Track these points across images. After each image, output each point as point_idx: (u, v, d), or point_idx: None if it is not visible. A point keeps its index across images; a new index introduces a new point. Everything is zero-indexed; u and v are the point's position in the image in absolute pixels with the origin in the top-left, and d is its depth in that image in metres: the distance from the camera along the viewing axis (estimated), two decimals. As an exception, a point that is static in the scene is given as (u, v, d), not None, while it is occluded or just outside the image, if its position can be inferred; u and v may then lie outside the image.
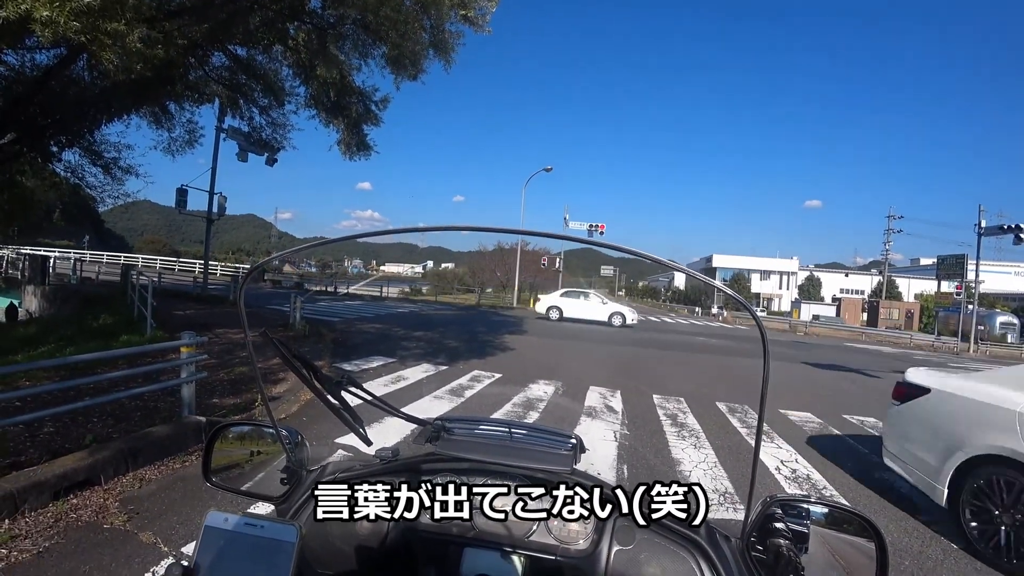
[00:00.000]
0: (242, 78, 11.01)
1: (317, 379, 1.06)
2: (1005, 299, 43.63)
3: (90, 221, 49.77)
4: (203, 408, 5.04)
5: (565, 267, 43.94)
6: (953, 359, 21.82)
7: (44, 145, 10.14)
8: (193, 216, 20.17)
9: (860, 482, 4.74)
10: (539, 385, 7.92)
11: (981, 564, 3.30)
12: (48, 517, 3.07)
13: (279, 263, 52.02)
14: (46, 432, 4.14)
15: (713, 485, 4.34)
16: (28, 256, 20.56)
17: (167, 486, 3.67)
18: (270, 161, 15.91)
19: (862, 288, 62.49)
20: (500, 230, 0.84)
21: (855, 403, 8.70)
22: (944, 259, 34.28)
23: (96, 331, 9.65)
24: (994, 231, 26.77)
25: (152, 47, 6.04)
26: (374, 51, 9.89)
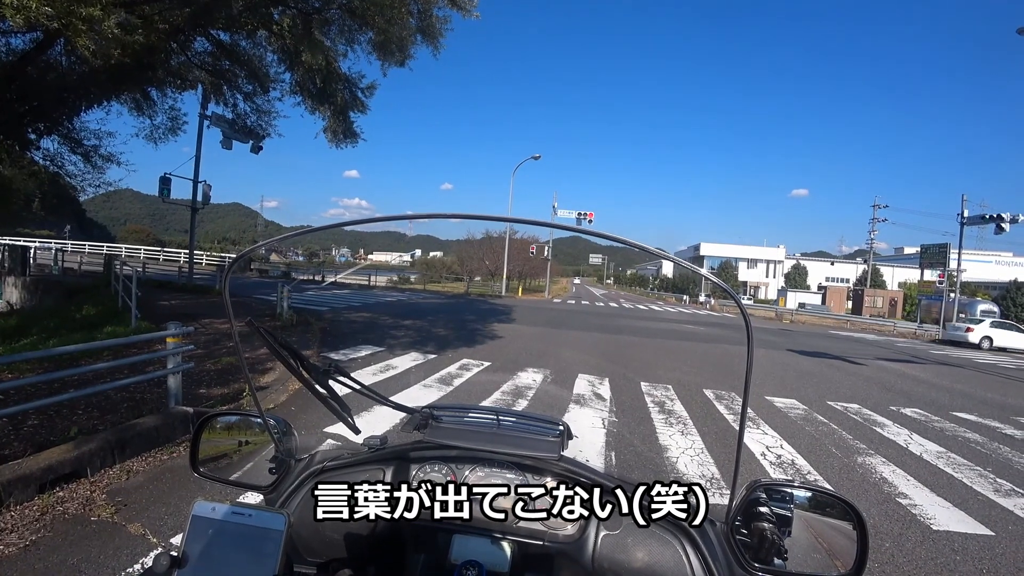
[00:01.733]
0: (226, 64, 10.81)
1: (304, 368, 1.05)
2: (986, 287, 44.44)
3: (71, 210, 48.66)
4: (190, 399, 5.00)
5: (554, 256, 43.99)
6: (935, 346, 22.25)
7: (22, 132, 9.88)
8: (177, 205, 19.87)
9: (844, 467, 4.85)
10: (528, 373, 7.95)
11: (959, 545, 3.40)
12: (34, 510, 3.04)
13: (265, 252, 51.46)
14: (30, 425, 4.08)
15: (700, 471, 4.40)
16: (7, 247, 20.09)
17: (155, 477, 3.64)
18: (255, 149, 15.69)
19: (847, 276, 63.35)
20: (488, 218, 0.84)
21: (839, 389, 8.86)
22: (927, 248, 34.75)
23: (80, 322, 9.50)
24: (976, 221, 27.18)
25: (131, 32, 5.90)
26: (360, 36, 9.76)
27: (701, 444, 5.12)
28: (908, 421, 6.86)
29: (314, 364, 1.08)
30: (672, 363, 10.23)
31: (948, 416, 7.36)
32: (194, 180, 18.33)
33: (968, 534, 3.58)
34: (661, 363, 10.12)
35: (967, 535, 3.56)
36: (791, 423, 6.28)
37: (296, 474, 1.14)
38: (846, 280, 61.19)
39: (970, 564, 3.17)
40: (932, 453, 5.45)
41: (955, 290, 28.69)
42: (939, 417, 7.24)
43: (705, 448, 5.00)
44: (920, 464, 5.06)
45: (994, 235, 26.20)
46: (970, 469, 5.00)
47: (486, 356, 9.19)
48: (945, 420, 7.09)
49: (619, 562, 0.97)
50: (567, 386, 7.29)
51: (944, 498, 4.19)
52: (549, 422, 1.21)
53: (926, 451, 5.51)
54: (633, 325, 18.63)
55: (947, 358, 16.75)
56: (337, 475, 1.14)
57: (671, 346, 13.25)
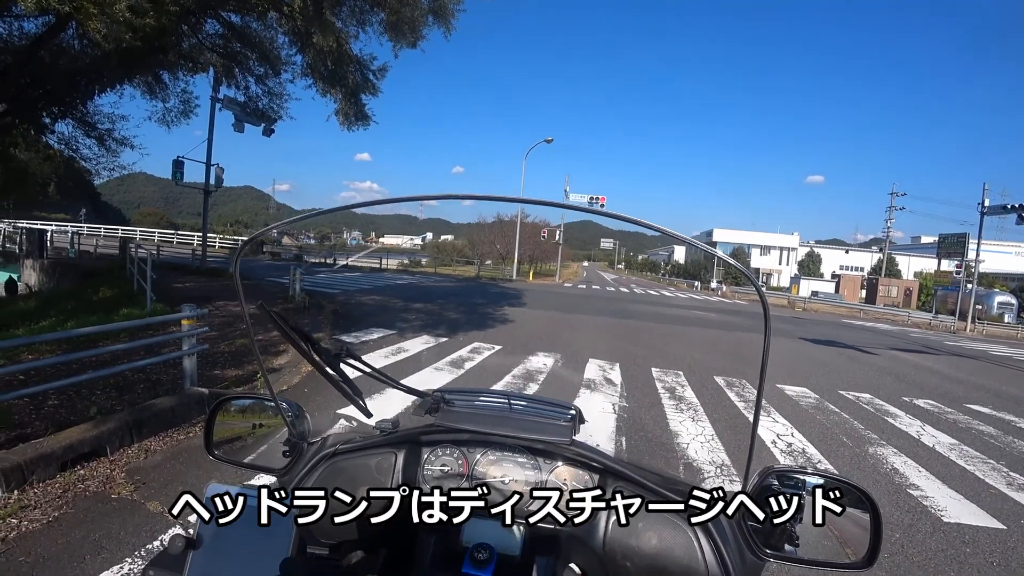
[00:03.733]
0: (237, 46, 10.76)
1: (315, 351, 1.05)
2: (1004, 279, 43.66)
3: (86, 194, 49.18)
4: (205, 380, 5.08)
5: (565, 240, 43.82)
6: (949, 337, 21.96)
7: (36, 116, 9.95)
8: (190, 188, 19.98)
9: (855, 457, 4.83)
10: (538, 357, 7.98)
11: (970, 537, 3.38)
12: (56, 488, 3.12)
13: (277, 235, 51.76)
14: (51, 405, 4.17)
15: (710, 457, 4.41)
16: (25, 230, 20.41)
17: (172, 456, 3.72)
18: (267, 132, 15.69)
19: (862, 265, 62.46)
20: (500, 198, 0.83)
21: (851, 379, 8.79)
22: (945, 237, 34.05)
23: (96, 304, 9.66)
24: (998, 210, 26.52)
25: (142, 15, 5.88)
26: (372, 17, 9.66)
27: (712, 431, 5.12)
28: (921, 412, 6.80)
29: (325, 347, 1.08)
30: (683, 349, 10.20)
31: (962, 408, 7.28)
32: (207, 163, 18.42)
33: (979, 527, 3.56)
34: (672, 349, 10.09)
35: (978, 528, 3.54)
36: (802, 412, 6.25)
37: (309, 457, 1.15)
38: (860, 269, 60.34)
39: (981, 557, 3.15)
40: (945, 445, 5.41)
41: (972, 281, 28.17)
42: (952, 409, 7.17)
43: (716, 435, 5.00)
44: (932, 456, 5.03)
45: (1015, 225, 25.60)
46: (983, 462, 4.96)
47: (497, 340, 9.23)
48: (959, 412, 7.02)
49: (630, 546, 0.98)
50: (578, 370, 7.31)
51: (956, 490, 4.17)
52: (561, 406, 1.21)
53: (939, 443, 5.46)
54: (644, 310, 18.56)
55: (962, 349, 16.53)
56: (350, 458, 1.15)
57: (682, 332, 13.20)
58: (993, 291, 35.75)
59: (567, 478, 1.09)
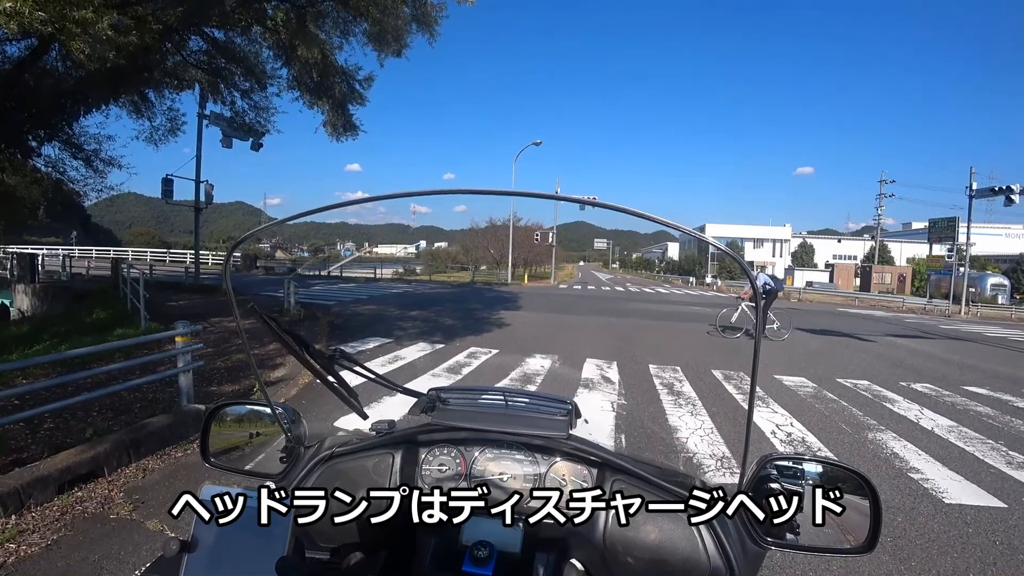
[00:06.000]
0: (221, 62, 10.77)
1: (309, 354, 1.05)
2: (995, 260, 43.98)
3: (76, 216, 48.89)
4: (202, 396, 5.04)
5: (558, 241, 43.83)
6: (944, 321, 22.09)
7: (22, 140, 9.92)
8: (181, 206, 19.91)
9: (854, 443, 4.84)
10: (536, 359, 7.97)
11: (972, 518, 3.40)
12: (54, 511, 3.09)
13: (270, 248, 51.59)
14: (46, 428, 4.14)
15: (710, 450, 4.41)
16: (16, 255, 20.23)
17: (170, 475, 3.70)
18: (255, 146, 15.67)
19: (855, 254, 62.85)
20: (491, 192, 0.82)
21: (849, 366, 8.82)
22: (936, 222, 34.29)
23: (90, 326, 9.59)
24: (986, 193, 26.73)
25: (125, 34, 5.88)
26: (355, 28, 9.69)
27: (711, 424, 5.12)
28: (918, 396, 6.83)
29: (319, 350, 1.08)
30: (680, 345, 10.21)
31: (959, 390, 7.32)
32: (196, 180, 18.33)
33: (980, 507, 3.57)
34: (669, 345, 10.11)
35: (979, 508, 3.55)
36: (800, 401, 6.27)
37: (306, 460, 1.15)
38: (853, 257, 60.69)
39: (983, 536, 3.16)
40: (943, 427, 5.43)
41: (964, 264, 28.37)
42: (950, 391, 7.21)
43: (715, 428, 5.00)
44: (931, 438, 5.05)
45: (1003, 207, 25.78)
46: (982, 442, 4.98)
47: (494, 343, 9.22)
48: (956, 394, 7.06)
49: (630, 539, 0.97)
50: (576, 370, 7.31)
51: (956, 472, 4.18)
52: (558, 401, 1.21)
53: (937, 425, 5.49)
54: (640, 308, 18.59)
55: (957, 332, 16.62)
56: (347, 460, 1.15)
57: (679, 328, 13.21)
58: (986, 273, 36.02)
59: (565, 473, 1.09)
